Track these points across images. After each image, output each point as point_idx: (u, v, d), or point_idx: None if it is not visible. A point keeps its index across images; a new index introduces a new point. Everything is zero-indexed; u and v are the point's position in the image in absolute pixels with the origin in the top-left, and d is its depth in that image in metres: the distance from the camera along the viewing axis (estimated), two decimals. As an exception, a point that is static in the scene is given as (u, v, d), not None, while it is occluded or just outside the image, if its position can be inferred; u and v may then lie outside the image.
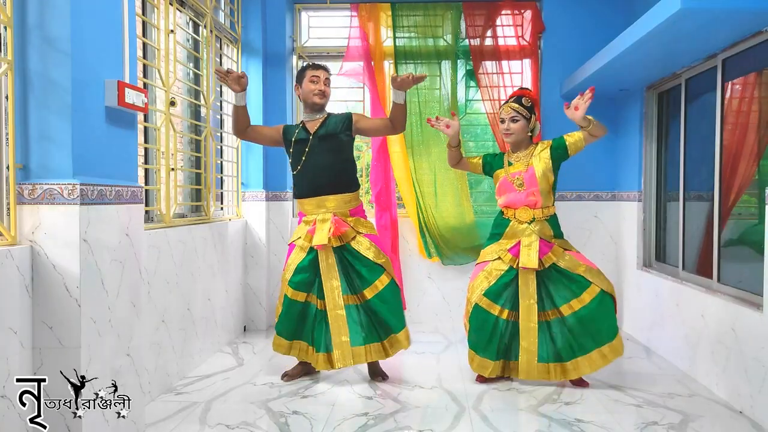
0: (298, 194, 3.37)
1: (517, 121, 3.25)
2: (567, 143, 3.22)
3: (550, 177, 3.25)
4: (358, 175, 3.49)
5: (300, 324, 3.31)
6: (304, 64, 3.48)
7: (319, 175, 3.26)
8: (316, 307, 3.31)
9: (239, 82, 3.14)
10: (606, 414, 2.87)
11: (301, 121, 3.40)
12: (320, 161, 3.26)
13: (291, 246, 3.40)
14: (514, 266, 3.21)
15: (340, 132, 3.30)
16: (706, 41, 3.15)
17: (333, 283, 3.24)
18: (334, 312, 3.24)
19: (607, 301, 3.18)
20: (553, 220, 3.30)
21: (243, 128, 3.33)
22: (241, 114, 3.27)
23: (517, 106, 3.26)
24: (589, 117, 3.14)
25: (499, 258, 3.26)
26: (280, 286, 3.37)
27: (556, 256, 3.20)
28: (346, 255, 3.27)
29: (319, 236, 3.20)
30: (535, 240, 3.19)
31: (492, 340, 3.23)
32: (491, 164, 3.39)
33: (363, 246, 3.27)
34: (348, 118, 3.34)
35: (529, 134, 3.31)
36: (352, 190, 3.34)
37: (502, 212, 3.37)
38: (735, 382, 2.96)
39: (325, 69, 3.36)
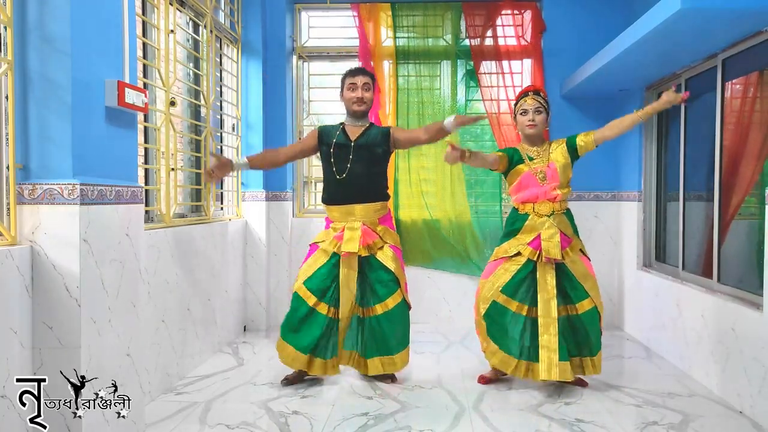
0: (331, 200, 3.31)
1: (541, 112, 3.24)
2: (577, 143, 3.23)
3: (569, 172, 3.26)
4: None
5: (303, 329, 3.20)
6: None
7: (356, 184, 3.24)
8: (327, 316, 3.21)
9: (223, 171, 3.26)
10: (606, 414, 2.87)
11: (342, 123, 3.35)
12: (358, 170, 3.24)
13: (313, 246, 3.34)
14: (534, 258, 3.16)
15: (379, 145, 3.29)
16: (706, 41, 3.15)
17: (349, 293, 3.23)
18: (345, 321, 3.25)
19: (596, 317, 3.18)
20: (569, 215, 3.29)
21: (278, 164, 3.46)
22: (261, 165, 3.45)
23: (539, 98, 3.26)
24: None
25: (519, 254, 3.20)
26: (294, 284, 3.29)
27: (571, 255, 3.18)
28: (366, 267, 3.25)
29: (350, 244, 3.17)
30: (556, 232, 3.15)
31: (512, 336, 3.18)
32: (511, 158, 3.28)
33: (387, 256, 3.26)
34: (387, 132, 3.34)
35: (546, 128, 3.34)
36: (381, 199, 3.32)
37: (516, 209, 3.31)
38: (735, 382, 2.96)
39: (363, 73, 3.30)
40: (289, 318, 3.26)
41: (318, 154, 3.38)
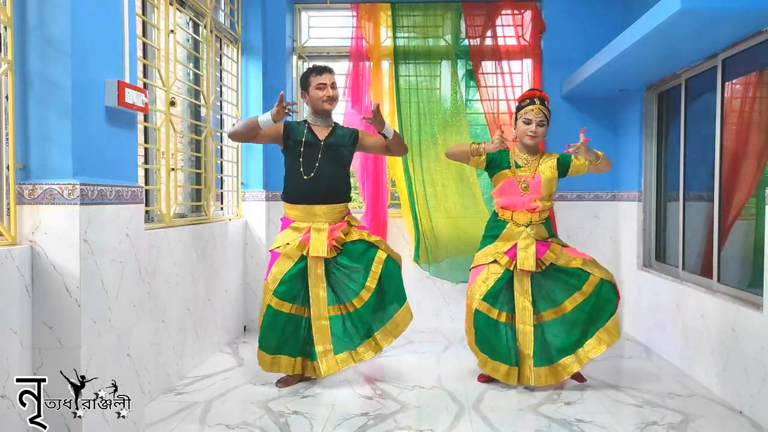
0: (295, 200, 3.27)
1: (543, 125, 3.25)
2: (571, 164, 3.27)
3: (553, 186, 3.30)
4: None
5: (284, 336, 3.19)
6: (307, 67, 3.40)
7: (323, 184, 3.23)
8: (303, 317, 3.22)
9: (282, 114, 3.09)
10: (606, 414, 2.87)
11: (306, 122, 3.33)
12: (327, 170, 3.24)
13: (274, 254, 3.26)
14: (511, 269, 3.20)
15: (347, 146, 3.31)
16: (706, 41, 3.15)
17: (320, 293, 3.22)
18: (318, 322, 3.21)
19: (607, 289, 3.18)
20: (547, 223, 3.33)
21: (246, 139, 3.23)
22: (254, 130, 3.15)
23: (545, 109, 3.25)
24: (598, 152, 3.18)
25: (495, 261, 3.24)
26: (262, 296, 3.25)
27: (555, 253, 3.22)
28: (335, 264, 3.24)
29: (317, 246, 3.17)
30: (532, 243, 3.20)
31: (499, 342, 3.21)
32: (497, 160, 3.30)
33: (354, 234, 3.27)
34: (355, 134, 3.37)
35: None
36: (345, 200, 3.34)
37: (496, 213, 3.35)
38: (735, 382, 2.96)
39: (329, 72, 3.28)
40: (265, 332, 3.18)
41: (282, 149, 3.32)
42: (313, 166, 3.22)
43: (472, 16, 4.67)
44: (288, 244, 3.23)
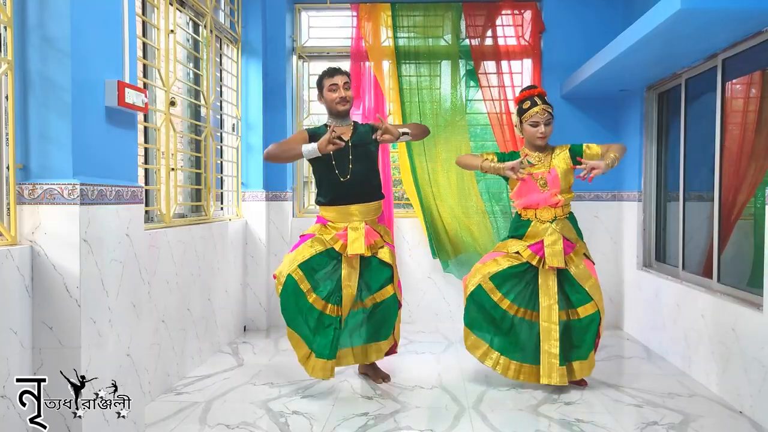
0: (331, 202, 3.25)
1: (550, 123, 3.22)
2: (584, 153, 3.22)
3: (571, 178, 3.25)
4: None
5: (298, 313, 3.14)
6: (322, 72, 3.40)
7: (358, 185, 3.22)
8: (331, 316, 3.13)
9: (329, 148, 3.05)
10: (606, 414, 2.87)
11: (327, 125, 3.32)
12: (361, 169, 3.23)
13: (303, 237, 3.27)
14: (533, 263, 3.17)
15: (371, 142, 3.29)
16: (706, 41, 3.15)
17: (350, 291, 3.18)
18: (347, 320, 3.21)
19: (597, 320, 3.17)
20: (572, 219, 3.29)
21: (282, 162, 3.47)
22: (296, 158, 3.22)
23: (549, 107, 3.22)
24: (610, 156, 3.12)
25: (518, 252, 3.21)
26: (281, 267, 3.20)
27: (575, 259, 3.19)
28: (362, 266, 3.23)
29: (356, 246, 3.14)
30: (559, 239, 3.16)
31: (488, 322, 3.22)
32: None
33: (386, 254, 3.26)
34: (375, 128, 3.32)
35: None
36: (379, 198, 3.33)
37: (519, 214, 3.31)
38: (735, 382, 2.96)
39: (341, 73, 3.29)
40: (287, 306, 3.14)
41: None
42: (347, 168, 3.21)
43: (472, 16, 4.68)
44: (322, 235, 3.22)
